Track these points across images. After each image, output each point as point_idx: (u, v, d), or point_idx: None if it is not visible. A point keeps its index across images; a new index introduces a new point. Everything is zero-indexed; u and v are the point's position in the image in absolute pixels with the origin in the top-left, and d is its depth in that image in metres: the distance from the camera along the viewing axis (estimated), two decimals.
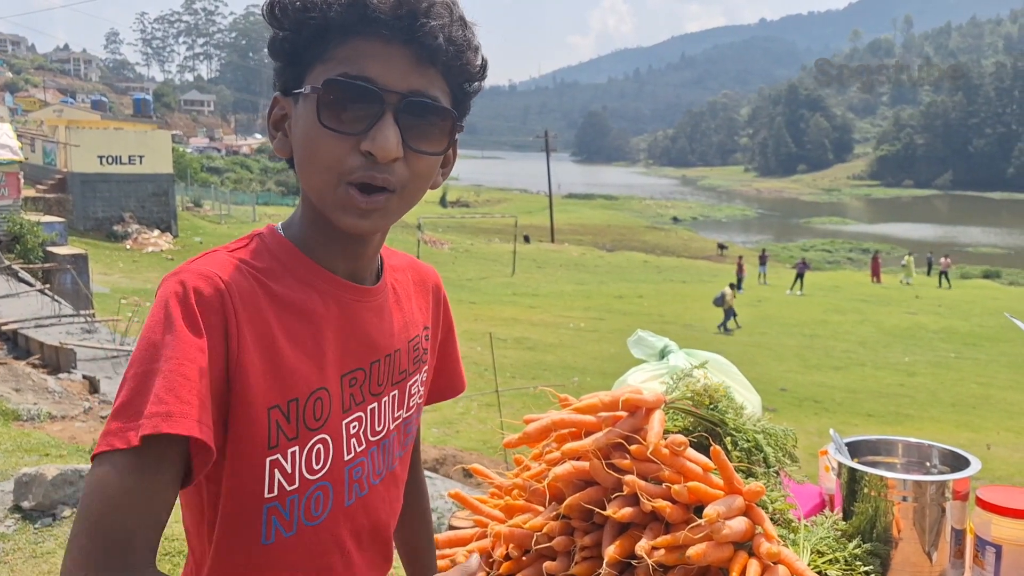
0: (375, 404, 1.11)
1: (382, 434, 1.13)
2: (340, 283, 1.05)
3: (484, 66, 1.04)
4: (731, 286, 23.41)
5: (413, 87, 0.96)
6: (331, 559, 1.07)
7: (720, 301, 22.44)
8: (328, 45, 0.96)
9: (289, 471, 0.99)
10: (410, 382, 1.19)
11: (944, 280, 33.55)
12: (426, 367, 1.24)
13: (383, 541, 1.18)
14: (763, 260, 33.24)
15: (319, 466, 1.02)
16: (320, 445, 1.02)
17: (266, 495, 0.98)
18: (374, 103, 0.94)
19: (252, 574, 1.01)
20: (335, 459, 1.04)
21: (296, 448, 0.99)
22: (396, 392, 1.15)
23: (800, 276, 30.81)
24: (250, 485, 0.97)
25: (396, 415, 1.16)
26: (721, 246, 49.10)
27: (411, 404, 1.21)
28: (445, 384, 1.34)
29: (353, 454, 1.08)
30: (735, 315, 22.40)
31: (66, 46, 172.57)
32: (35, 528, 4.25)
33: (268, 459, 0.97)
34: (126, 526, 0.85)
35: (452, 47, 0.96)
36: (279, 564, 1.02)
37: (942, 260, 35.52)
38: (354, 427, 1.08)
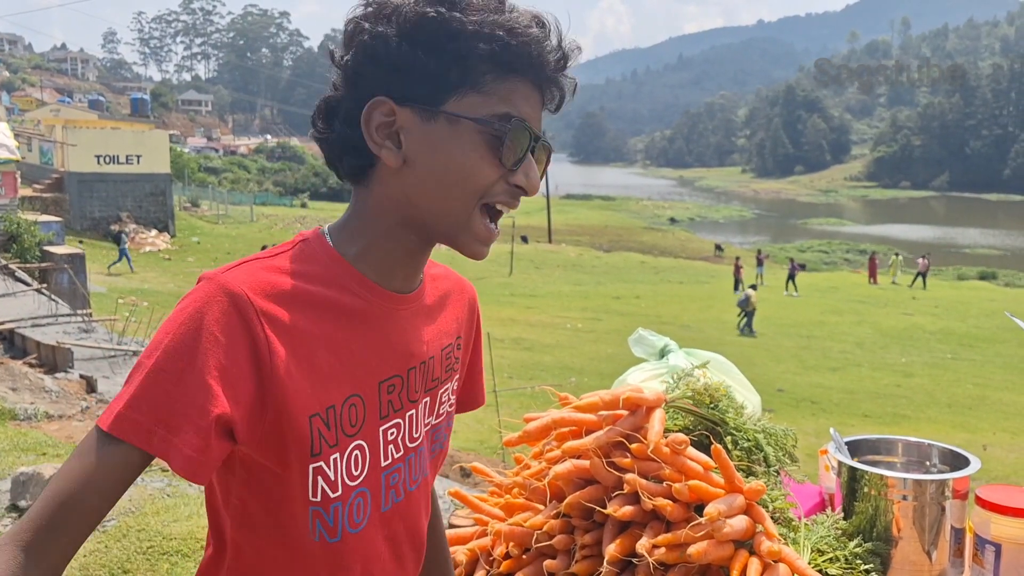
0: (412, 411, 1.12)
1: (418, 441, 1.15)
2: (379, 291, 1.06)
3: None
4: (753, 287, 23.48)
5: (538, 128, 1.04)
6: (370, 565, 1.09)
7: (745, 303, 22.61)
8: (483, 76, 0.98)
9: (332, 478, 1.01)
10: (441, 390, 1.19)
11: (920, 280, 33.75)
12: (457, 376, 1.25)
13: (416, 548, 1.19)
14: (760, 261, 33.25)
15: (358, 472, 1.04)
16: (358, 451, 1.04)
17: (310, 499, 1.01)
18: (528, 143, 1.01)
19: (296, 566, 1.04)
20: (372, 465, 1.06)
21: (337, 455, 1.01)
22: (428, 399, 1.16)
23: (791, 277, 30.97)
24: (296, 490, 1.00)
25: (426, 422, 1.16)
26: (718, 247, 49.14)
27: (440, 412, 1.21)
28: (467, 397, 1.34)
29: (390, 460, 1.09)
30: (750, 318, 22.59)
31: (63, 45, 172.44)
32: None
33: (311, 466, 0.99)
34: (85, 500, 0.88)
35: (571, 93, 1.08)
36: (320, 565, 1.04)
37: (919, 261, 35.80)
38: (392, 433, 1.09)
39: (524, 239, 45.50)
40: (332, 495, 1.02)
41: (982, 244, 58.30)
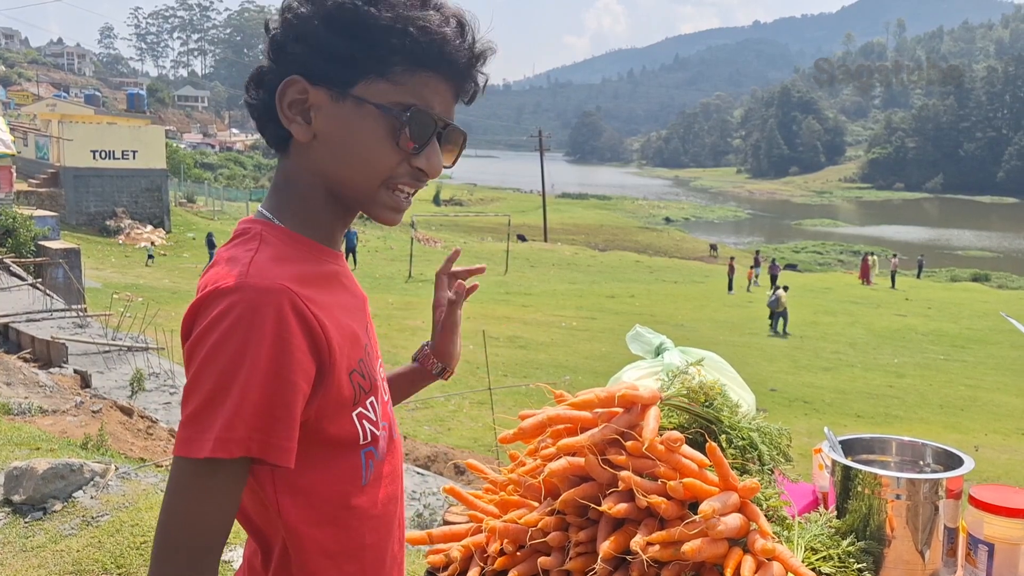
0: (377, 347, 1.24)
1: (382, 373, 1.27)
2: (333, 254, 1.16)
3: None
4: (784, 288, 23.57)
5: (449, 117, 1.12)
6: (396, 487, 1.21)
7: (775, 303, 22.71)
8: (394, 65, 1.06)
9: (373, 418, 1.13)
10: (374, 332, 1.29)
11: (892, 280, 34.10)
12: None
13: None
14: (757, 263, 33.27)
15: (380, 410, 1.16)
16: (381, 392, 1.18)
17: (361, 442, 1.11)
18: (431, 131, 1.10)
19: (355, 513, 1.12)
20: (383, 402, 1.18)
21: (373, 398, 1.14)
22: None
23: (773, 278, 31.27)
24: (350, 439, 1.10)
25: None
26: (713, 247, 49.21)
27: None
28: None
29: (387, 395, 1.23)
30: (786, 319, 22.68)
31: (60, 40, 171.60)
32: (25, 522, 4.23)
33: (354, 413, 1.10)
34: (206, 524, 0.97)
35: (482, 90, 1.16)
36: (374, 497, 1.15)
37: (892, 260, 36.09)
38: (381, 372, 1.22)
39: (522, 238, 45.52)
40: (377, 433, 1.14)
41: (975, 246, 58.48)
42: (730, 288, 30.66)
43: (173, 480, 0.98)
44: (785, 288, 23.61)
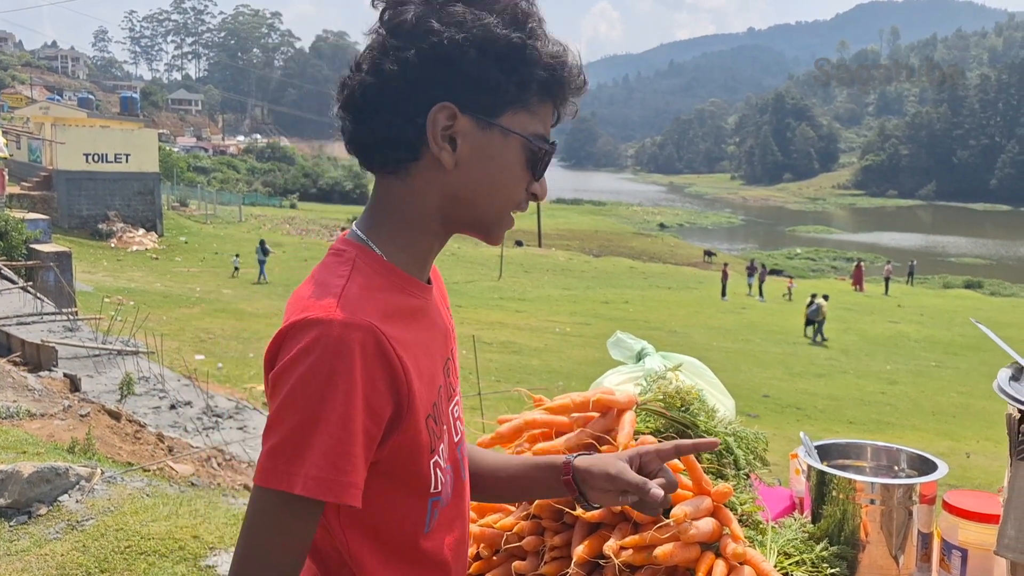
0: (456, 385, 1.22)
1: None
2: (422, 286, 1.12)
3: None
4: (824, 297, 23.75)
5: None
6: (465, 527, 1.20)
7: (816, 312, 22.88)
8: (532, 96, 1.07)
9: (444, 465, 1.11)
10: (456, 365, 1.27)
11: (885, 286, 34.39)
12: None
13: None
14: (751, 271, 33.24)
15: (447, 454, 1.13)
16: (447, 435, 1.14)
17: (431, 491, 1.09)
18: (549, 158, 1.13)
19: (419, 556, 1.11)
20: (451, 443, 1.15)
21: (443, 444, 1.11)
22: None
23: (760, 283, 31.57)
24: (422, 486, 1.08)
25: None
26: (708, 253, 49.29)
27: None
28: None
29: (459, 435, 1.19)
30: (820, 327, 22.87)
31: (54, 43, 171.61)
32: (10, 526, 4.21)
33: (431, 461, 1.07)
34: (284, 556, 0.98)
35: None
36: (435, 546, 1.12)
37: (886, 267, 36.29)
38: (456, 411, 1.19)
39: (519, 243, 45.60)
40: (443, 480, 1.11)
41: (968, 253, 58.69)
42: (724, 294, 30.72)
43: (257, 511, 0.98)
44: (825, 297, 23.87)
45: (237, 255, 29.24)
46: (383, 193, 1.10)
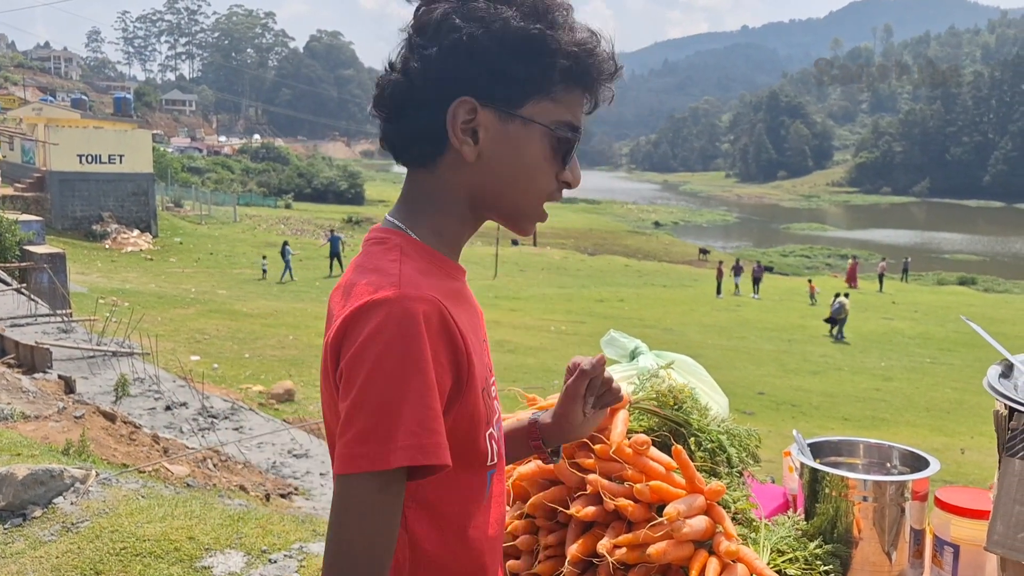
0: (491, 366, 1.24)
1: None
2: (460, 269, 1.17)
3: None
4: (846, 295, 24.05)
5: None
6: (502, 503, 1.22)
7: (839, 310, 23.02)
8: (555, 84, 1.08)
9: (498, 437, 1.15)
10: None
11: (880, 283, 34.43)
12: None
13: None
14: (737, 271, 33.07)
15: (497, 428, 1.17)
16: (497, 412, 1.19)
17: (488, 463, 1.12)
18: (575, 145, 1.14)
19: (472, 532, 1.12)
20: (498, 419, 1.19)
21: (496, 417, 1.16)
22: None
23: (756, 280, 31.57)
24: (480, 458, 1.11)
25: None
26: (703, 251, 49.33)
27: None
28: None
29: (497, 413, 1.21)
30: (842, 325, 23.01)
31: (47, 44, 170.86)
32: (4, 528, 4.20)
33: (486, 433, 1.11)
34: (378, 541, 0.99)
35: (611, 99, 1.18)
36: (485, 520, 1.15)
37: (880, 264, 36.35)
38: (494, 390, 1.22)
39: (515, 242, 45.61)
40: (499, 452, 1.15)
41: (962, 250, 58.83)
42: (719, 292, 30.77)
43: (350, 499, 0.98)
44: (846, 295, 24.04)
45: (265, 256, 29.27)
46: (414, 185, 1.15)
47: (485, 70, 1.05)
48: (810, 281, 32.79)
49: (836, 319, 23.04)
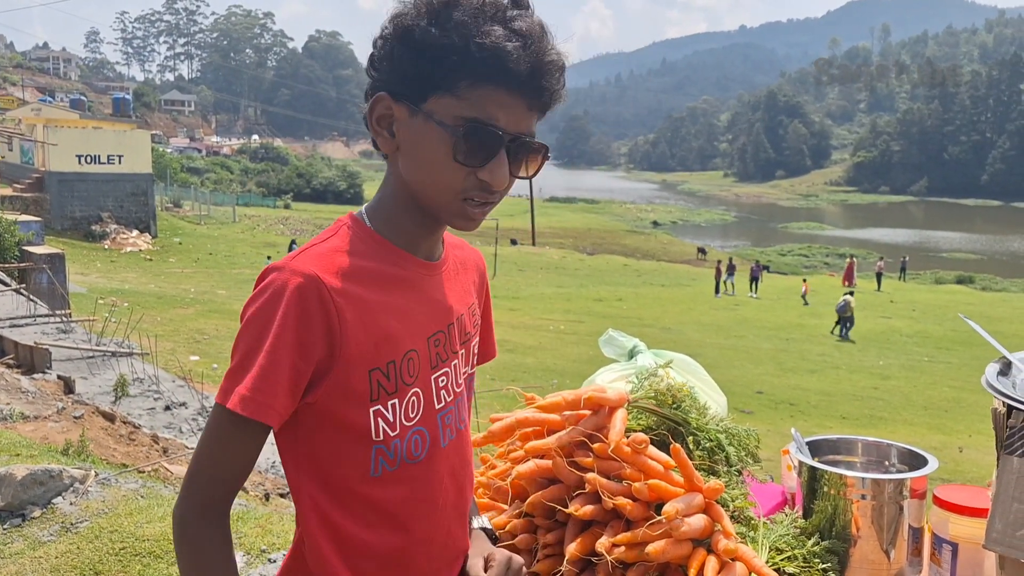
0: (456, 361, 1.30)
1: (462, 387, 1.33)
2: (416, 261, 1.23)
3: (566, 96, 1.22)
4: (851, 294, 24.15)
5: (522, 129, 1.15)
6: (433, 491, 1.25)
7: (843, 309, 23.09)
8: (459, 82, 1.10)
9: (391, 419, 1.19)
10: (472, 343, 1.37)
11: (877, 282, 34.45)
12: (478, 333, 1.42)
13: (470, 481, 1.37)
14: (731, 270, 33.01)
15: (414, 414, 1.22)
16: (415, 397, 1.22)
17: (373, 438, 1.17)
18: (496, 144, 1.13)
19: (361, 500, 1.19)
20: (427, 408, 1.23)
21: (396, 400, 1.19)
22: (463, 351, 1.33)
23: (754, 279, 31.58)
24: (359, 431, 1.17)
25: (465, 370, 1.34)
26: (701, 250, 49.34)
27: (474, 363, 1.39)
28: (484, 351, 1.47)
29: (443, 403, 1.26)
30: (852, 324, 23.05)
31: (45, 44, 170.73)
32: (4, 529, 4.20)
33: (371, 410, 1.16)
34: (224, 467, 1.14)
35: (556, 98, 1.18)
36: (385, 493, 1.20)
37: (878, 263, 36.37)
38: (442, 381, 1.26)
39: (514, 242, 45.64)
40: (392, 433, 1.18)
41: (960, 248, 58.85)
42: (717, 291, 30.78)
43: (209, 423, 1.13)
44: (851, 293, 24.16)
45: (269, 257, 29.30)
46: (385, 177, 1.24)
47: (397, 68, 1.13)
48: (804, 280, 32.78)
49: (842, 318, 23.09)
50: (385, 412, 1.18)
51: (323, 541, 1.19)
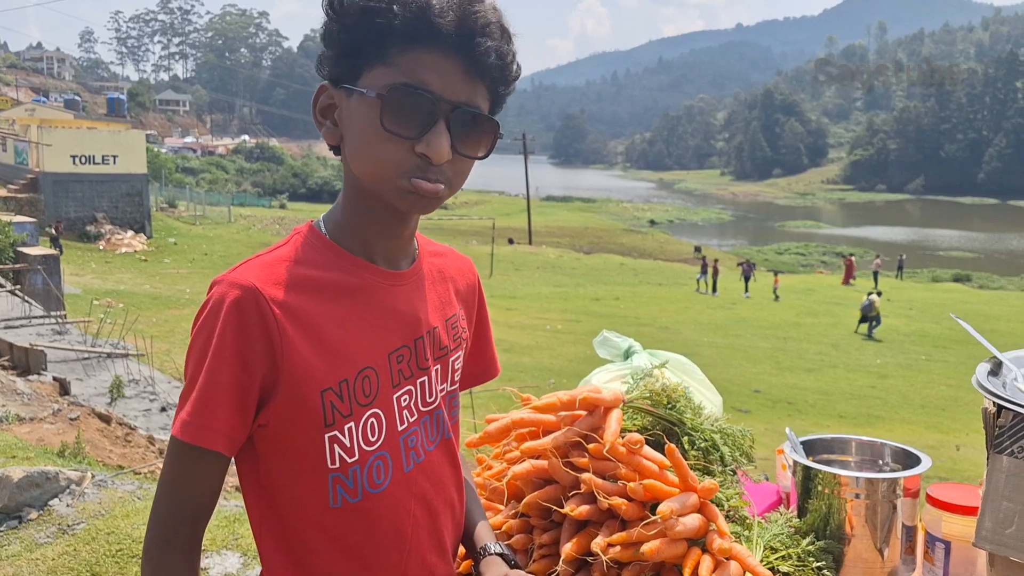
0: (424, 378, 1.20)
1: (433, 405, 1.23)
2: (375, 269, 1.14)
3: (519, 71, 1.12)
4: (878, 294, 24.19)
5: (463, 98, 1.05)
6: (400, 521, 1.17)
7: (868, 308, 23.13)
8: (389, 49, 1.03)
9: (348, 445, 1.10)
10: (452, 358, 1.27)
11: (875, 280, 34.49)
12: (464, 348, 1.33)
13: (448, 502, 1.26)
14: (710, 269, 32.82)
15: (375, 438, 1.13)
16: (373, 419, 1.13)
17: (329, 466, 1.09)
18: (431, 111, 1.03)
19: (324, 534, 1.12)
20: (389, 430, 1.14)
21: (352, 424, 1.10)
22: (439, 367, 1.23)
23: (746, 279, 31.49)
24: (313, 458, 1.09)
25: (441, 387, 1.25)
26: (698, 249, 49.38)
27: (455, 379, 1.30)
28: (480, 369, 1.44)
29: (406, 424, 1.17)
30: (879, 323, 23.11)
31: (39, 44, 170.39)
32: (0, 531, 4.20)
33: (327, 435, 1.08)
34: (181, 501, 1.08)
35: (500, 62, 1.06)
36: (349, 526, 1.13)
37: (875, 262, 36.40)
38: (405, 400, 1.17)
39: (510, 241, 45.65)
40: (349, 460, 1.10)
41: (957, 247, 58.94)
42: (714, 290, 30.79)
43: (167, 457, 1.08)
44: (879, 293, 24.20)
45: None
46: (343, 179, 1.17)
47: (331, 48, 1.07)
48: (776, 275, 32.57)
49: (867, 317, 23.16)
50: (341, 437, 1.09)
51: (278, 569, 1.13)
